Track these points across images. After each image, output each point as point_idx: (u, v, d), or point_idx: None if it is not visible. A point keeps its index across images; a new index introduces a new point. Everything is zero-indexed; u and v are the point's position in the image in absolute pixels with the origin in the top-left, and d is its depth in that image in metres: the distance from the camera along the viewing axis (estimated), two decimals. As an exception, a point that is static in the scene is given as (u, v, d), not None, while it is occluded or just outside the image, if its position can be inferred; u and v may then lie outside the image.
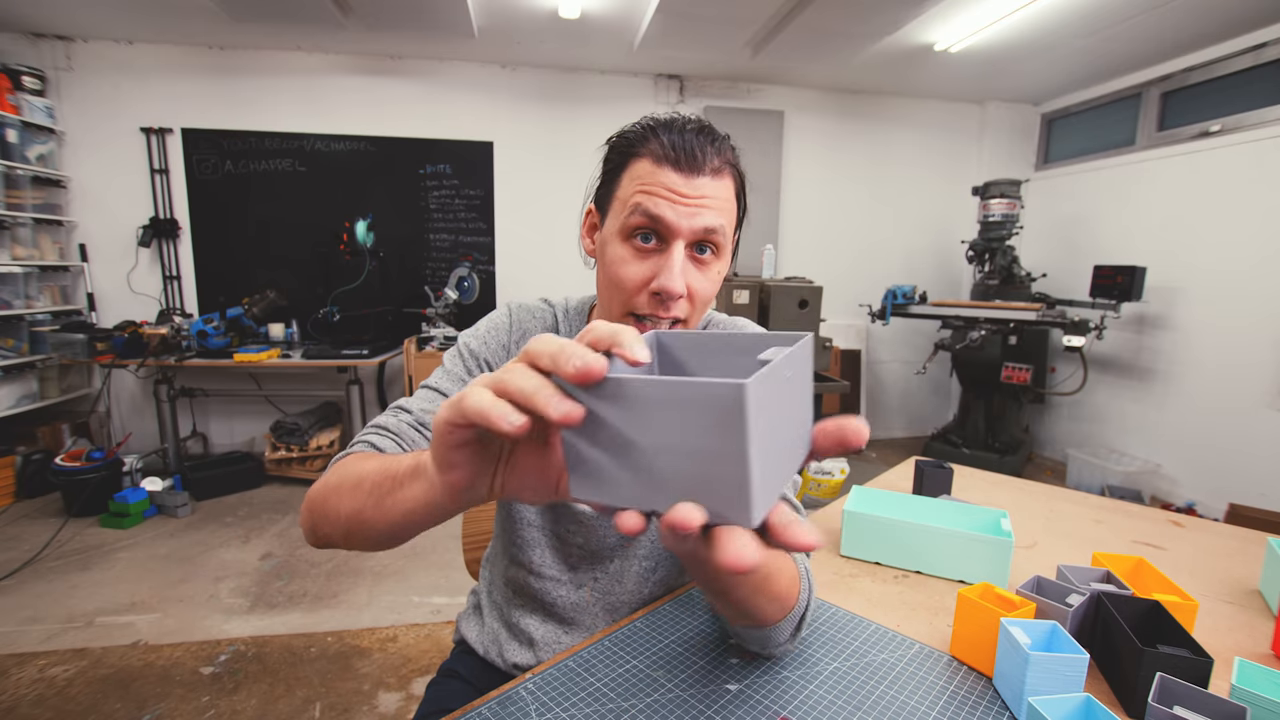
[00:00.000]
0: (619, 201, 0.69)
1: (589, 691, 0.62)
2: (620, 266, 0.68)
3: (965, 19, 3.02)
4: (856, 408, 4.35)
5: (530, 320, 0.82)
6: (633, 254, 0.68)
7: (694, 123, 0.69)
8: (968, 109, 4.45)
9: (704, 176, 0.66)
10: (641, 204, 0.66)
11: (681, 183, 0.66)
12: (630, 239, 0.68)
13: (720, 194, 0.68)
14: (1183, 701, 0.55)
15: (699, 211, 0.66)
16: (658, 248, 0.67)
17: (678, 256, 0.66)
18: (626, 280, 0.68)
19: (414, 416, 0.70)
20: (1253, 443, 3.00)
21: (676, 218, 0.65)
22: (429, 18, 3.05)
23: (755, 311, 3.05)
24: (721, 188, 0.68)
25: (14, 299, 3.18)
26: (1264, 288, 2.96)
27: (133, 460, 3.11)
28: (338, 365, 3.32)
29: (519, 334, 0.80)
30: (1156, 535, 1.05)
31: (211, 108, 3.60)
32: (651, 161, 0.67)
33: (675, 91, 4.08)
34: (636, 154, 0.68)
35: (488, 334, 0.79)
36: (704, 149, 0.67)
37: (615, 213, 0.70)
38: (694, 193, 0.66)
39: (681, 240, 0.66)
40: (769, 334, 0.38)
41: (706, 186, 0.66)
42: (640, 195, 0.66)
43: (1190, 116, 3.39)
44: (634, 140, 0.69)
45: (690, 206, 0.66)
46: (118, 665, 1.87)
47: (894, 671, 0.67)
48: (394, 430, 0.68)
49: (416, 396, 0.74)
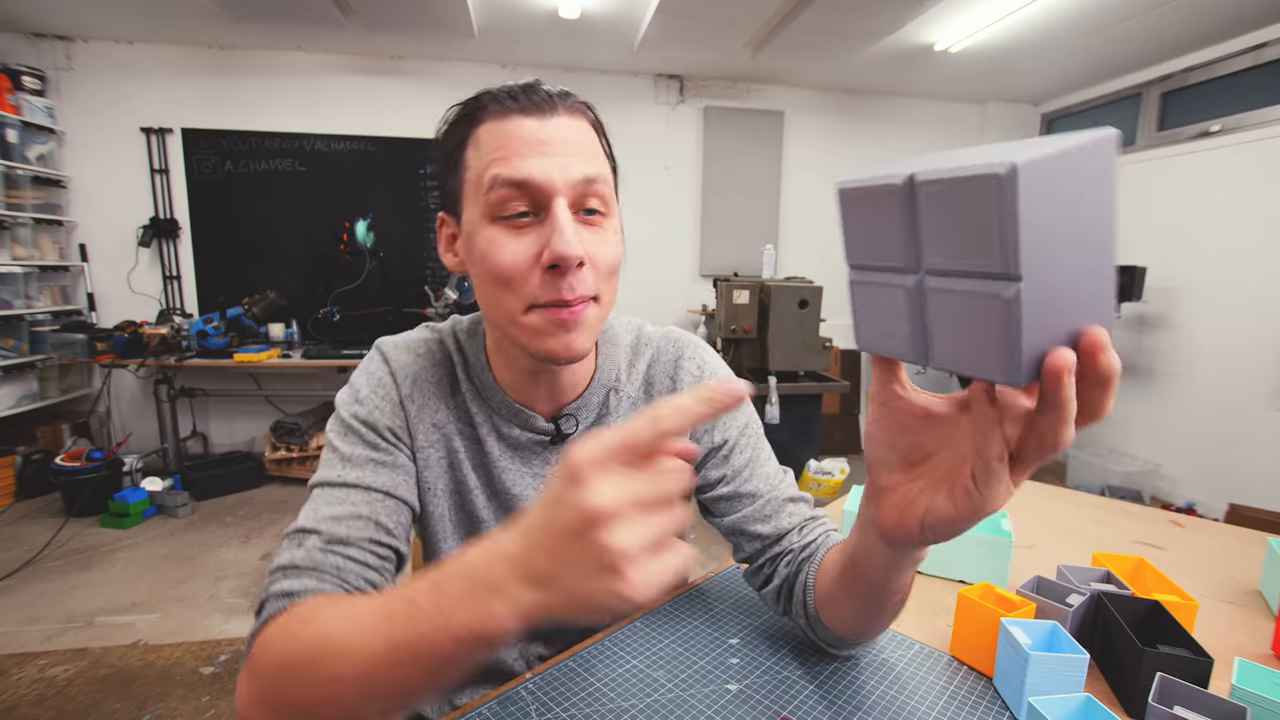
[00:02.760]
0: (471, 186, 0.57)
1: (589, 691, 0.62)
2: (496, 253, 0.54)
3: (965, 19, 3.02)
4: (856, 408, 4.35)
5: (412, 359, 0.67)
6: (507, 233, 0.55)
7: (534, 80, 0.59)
8: (968, 109, 4.45)
9: (560, 116, 0.56)
10: (500, 174, 0.53)
11: (537, 127, 0.54)
12: (499, 219, 0.55)
13: (585, 137, 0.57)
14: (1183, 701, 0.55)
15: (570, 160, 0.54)
16: (534, 220, 0.55)
17: (564, 214, 0.53)
18: (509, 265, 0.54)
19: (324, 537, 0.55)
20: (1253, 443, 3.00)
21: (546, 171, 0.53)
22: (429, 18, 3.05)
23: (755, 311, 3.05)
24: (584, 131, 0.57)
25: (14, 299, 3.18)
26: (1264, 288, 2.96)
27: (133, 460, 3.11)
28: (338, 365, 3.32)
29: (408, 381, 0.66)
30: (1156, 535, 1.05)
31: (211, 108, 3.60)
32: (495, 119, 0.55)
33: (675, 91, 4.08)
34: (474, 120, 0.56)
35: (373, 394, 0.64)
36: (548, 92, 0.57)
37: (471, 202, 0.57)
38: (555, 136, 0.55)
39: (561, 197, 0.54)
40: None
41: (567, 128, 0.56)
42: (495, 164, 0.54)
43: (1190, 116, 3.39)
44: (468, 111, 0.58)
45: (559, 156, 0.54)
46: (118, 665, 1.87)
47: (894, 671, 0.67)
48: (313, 566, 0.54)
49: (317, 502, 0.59)
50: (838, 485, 2.96)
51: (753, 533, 0.69)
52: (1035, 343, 0.27)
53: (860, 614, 0.57)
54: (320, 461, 0.63)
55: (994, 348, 0.28)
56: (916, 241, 0.31)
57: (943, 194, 0.28)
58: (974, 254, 0.27)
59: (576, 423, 0.68)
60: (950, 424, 0.39)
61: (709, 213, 4.21)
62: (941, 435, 0.40)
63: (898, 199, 0.30)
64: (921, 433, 0.40)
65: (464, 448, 0.67)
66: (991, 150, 0.28)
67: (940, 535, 0.39)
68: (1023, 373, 0.28)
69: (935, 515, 0.38)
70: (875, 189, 0.32)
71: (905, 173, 0.30)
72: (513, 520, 0.36)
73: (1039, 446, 0.32)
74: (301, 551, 0.55)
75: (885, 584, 0.50)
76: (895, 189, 0.30)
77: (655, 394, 0.72)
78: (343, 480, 0.60)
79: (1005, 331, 0.27)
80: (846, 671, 0.66)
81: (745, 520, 0.69)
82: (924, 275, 0.31)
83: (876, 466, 0.43)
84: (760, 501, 0.69)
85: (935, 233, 0.29)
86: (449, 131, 0.59)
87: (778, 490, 0.70)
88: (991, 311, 0.27)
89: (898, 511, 0.41)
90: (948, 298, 0.30)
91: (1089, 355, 0.29)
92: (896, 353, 0.34)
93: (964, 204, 0.27)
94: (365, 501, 0.59)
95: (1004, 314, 0.27)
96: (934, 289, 0.31)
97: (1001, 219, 0.26)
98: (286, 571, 0.54)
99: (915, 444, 0.41)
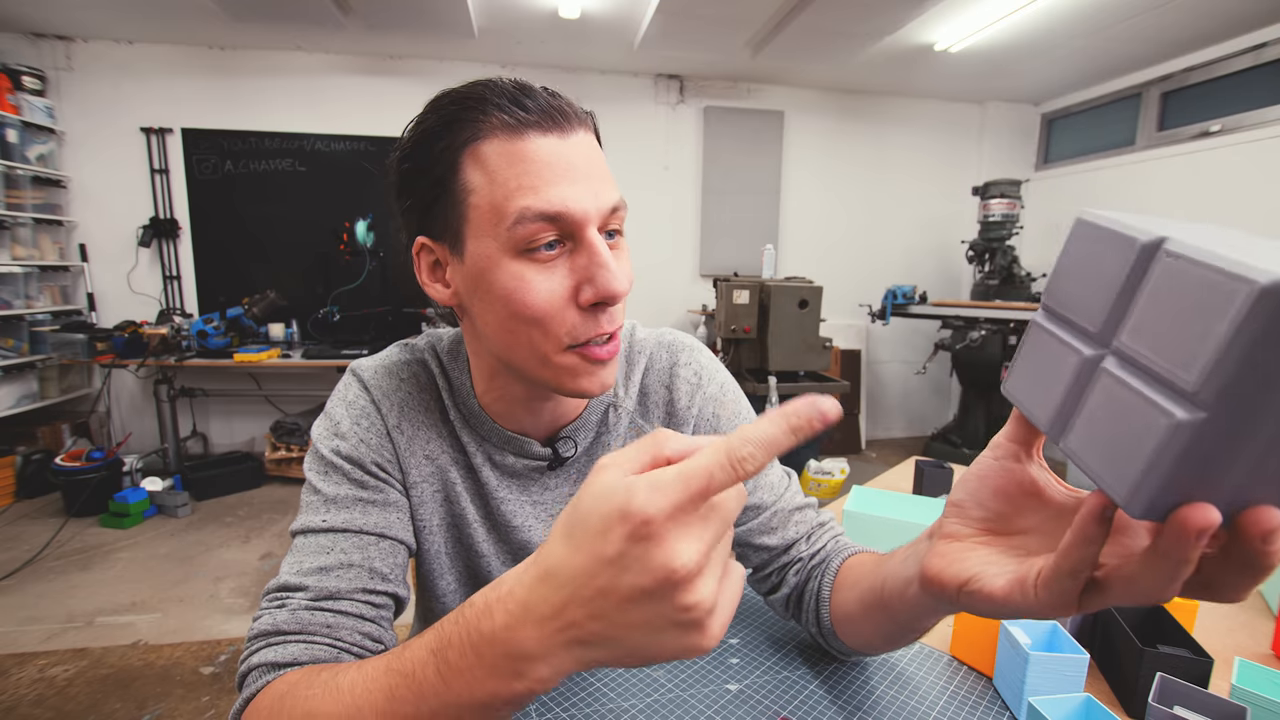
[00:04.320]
0: (482, 216, 0.49)
1: (589, 691, 0.62)
2: (526, 292, 0.49)
3: (965, 19, 3.02)
4: (856, 408, 4.35)
5: (395, 385, 0.62)
6: (536, 270, 0.49)
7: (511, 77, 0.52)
8: (968, 109, 4.45)
9: (578, 132, 0.50)
10: (530, 206, 0.47)
11: (561, 147, 0.49)
12: (523, 255, 0.49)
13: (600, 155, 0.52)
14: (1183, 701, 0.55)
15: (602, 186, 0.50)
16: (561, 250, 0.50)
17: (601, 246, 0.49)
18: (543, 306, 0.49)
19: (311, 593, 0.51)
20: (1253, 443, 3.00)
21: (580, 202, 0.48)
22: (429, 18, 3.05)
23: (755, 311, 3.05)
24: (596, 147, 0.53)
25: (14, 299, 3.18)
26: (1264, 288, 2.96)
27: (133, 460, 3.11)
28: (338, 365, 3.31)
29: (394, 410, 0.61)
30: (1156, 535, 1.05)
31: (211, 108, 3.60)
32: (504, 136, 0.48)
33: (675, 91, 4.08)
34: (471, 136, 0.49)
35: (355, 427, 0.59)
36: (554, 96, 0.50)
37: (483, 228, 0.49)
38: (580, 157, 0.49)
39: (593, 227, 0.50)
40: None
41: (587, 146, 0.51)
42: (521, 194, 0.47)
43: (1190, 116, 3.39)
44: (455, 122, 0.49)
45: (588, 181, 0.49)
46: (118, 665, 1.87)
47: (894, 671, 0.67)
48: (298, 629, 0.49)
49: (300, 553, 0.53)
50: (838, 485, 2.96)
51: (760, 544, 0.67)
52: (1182, 485, 0.23)
53: (880, 638, 0.56)
54: (300, 505, 0.57)
55: (1131, 463, 0.24)
56: (1122, 313, 0.27)
57: (1180, 275, 0.24)
58: (1172, 355, 0.23)
59: (575, 445, 0.64)
60: (1056, 515, 0.35)
61: (709, 213, 4.21)
62: (1039, 521, 0.36)
63: (1133, 256, 0.26)
64: (1021, 509, 0.36)
65: (460, 478, 0.63)
66: (1267, 248, 0.24)
67: (974, 606, 0.36)
68: (1142, 505, 0.24)
69: (979, 585, 0.35)
70: (1116, 234, 0.28)
71: (1157, 234, 0.26)
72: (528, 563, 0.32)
73: (1127, 589, 0.28)
74: (284, 613, 0.49)
75: (910, 623, 0.48)
76: (1136, 245, 0.26)
77: (651, 404, 0.68)
78: (328, 525, 0.54)
79: (1153, 454, 0.23)
80: (846, 672, 0.66)
81: (751, 533, 0.67)
82: (1108, 354, 0.27)
83: (955, 510, 0.39)
84: (767, 514, 0.67)
85: (1147, 313, 0.25)
86: (428, 144, 0.50)
87: (783, 500, 0.68)
88: (1152, 426, 0.24)
89: (945, 561, 0.38)
90: (1117, 389, 0.26)
91: (1247, 532, 0.24)
92: (1033, 413, 0.32)
93: (1195, 296, 0.23)
94: (356, 547, 0.54)
95: (1163, 437, 0.23)
96: (1109, 371, 0.27)
97: (1224, 329, 0.21)
98: (270, 639, 0.48)
99: (1007, 514, 0.37)
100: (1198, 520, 0.23)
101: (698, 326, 4.00)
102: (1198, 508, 0.23)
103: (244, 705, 0.46)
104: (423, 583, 0.68)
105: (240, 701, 0.46)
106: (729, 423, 0.69)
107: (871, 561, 0.57)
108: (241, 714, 0.45)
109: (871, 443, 4.52)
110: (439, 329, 0.69)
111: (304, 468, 0.59)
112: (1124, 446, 0.25)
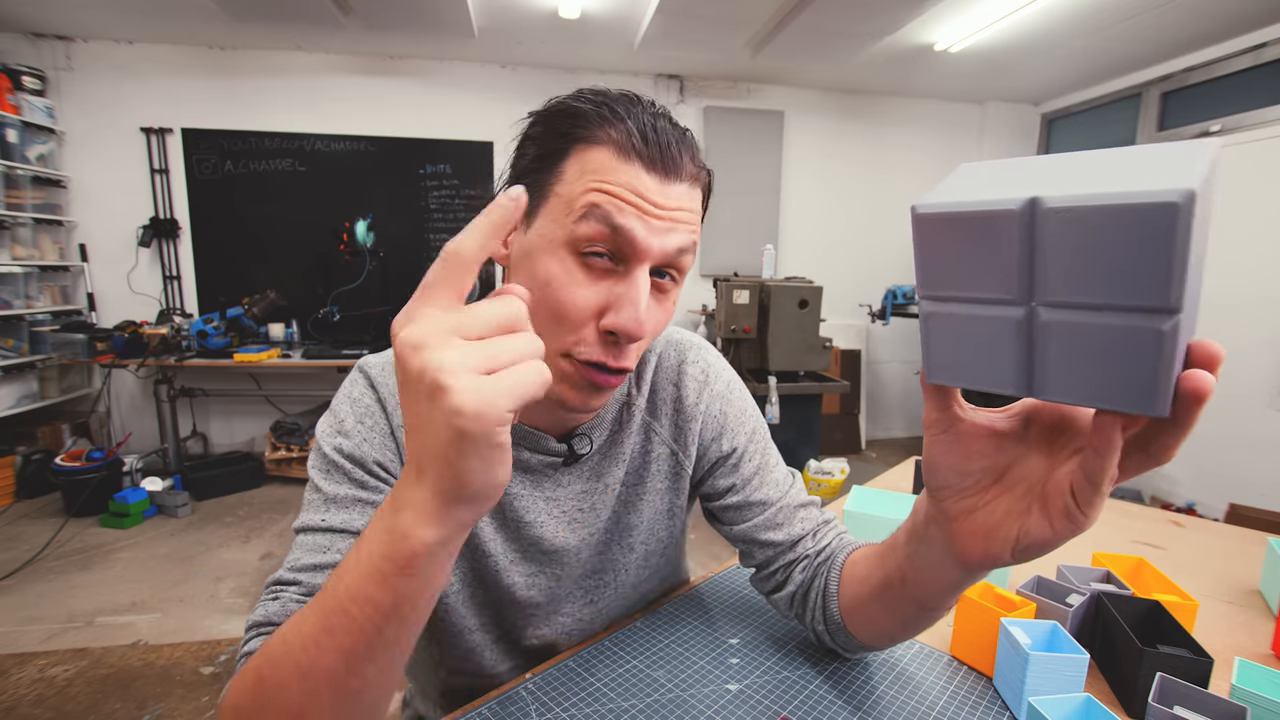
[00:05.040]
0: (560, 198, 0.51)
1: (589, 691, 0.62)
2: (564, 289, 0.50)
3: (965, 19, 3.02)
4: (856, 408, 4.35)
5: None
6: (581, 273, 0.50)
7: (659, 107, 0.54)
8: (968, 109, 4.45)
9: (682, 183, 0.52)
10: (601, 207, 0.49)
11: (656, 189, 0.50)
12: (579, 253, 0.50)
13: (695, 206, 0.54)
14: (1183, 701, 0.55)
15: (674, 228, 0.51)
16: (612, 268, 0.51)
17: (643, 285, 0.50)
18: (572, 309, 0.50)
19: (303, 589, 0.52)
20: (1253, 443, 3.00)
21: (648, 235, 0.49)
22: (429, 18, 3.05)
23: (755, 311, 3.05)
24: (695, 199, 0.54)
25: (14, 299, 3.18)
26: (1263, 288, 2.96)
27: (133, 460, 3.11)
28: (338, 365, 3.32)
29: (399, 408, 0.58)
30: (1156, 535, 1.05)
31: (211, 108, 3.60)
32: (614, 153, 0.50)
33: (675, 91, 4.08)
34: (589, 138, 0.51)
35: (359, 425, 0.58)
36: (679, 146, 0.52)
37: (555, 213, 0.51)
38: (670, 203, 0.51)
39: (647, 264, 0.51)
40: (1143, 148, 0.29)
41: (684, 197, 0.52)
42: (599, 195, 0.49)
43: (1190, 116, 3.39)
44: (585, 117, 0.51)
45: (665, 220, 0.50)
46: (118, 665, 1.87)
47: (894, 671, 0.67)
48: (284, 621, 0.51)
49: (299, 550, 0.54)
50: (838, 485, 2.96)
51: (765, 540, 0.67)
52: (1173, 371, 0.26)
53: (899, 627, 0.57)
54: (303, 502, 0.58)
55: (1137, 380, 0.26)
56: (1029, 271, 0.28)
57: (1084, 222, 0.25)
58: (1120, 286, 0.25)
59: (590, 441, 0.65)
60: (1018, 440, 0.38)
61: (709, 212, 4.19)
62: (1012, 453, 0.38)
63: (1013, 226, 0.27)
64: (994, 454, 0.39)
65: None
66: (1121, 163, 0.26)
67: (1033, 555, 0.38)
68: (1165, 403, 0.26)
69: (1031, 538, 0.37)
70: (976, 215, 0.28)
71: (1021, 197, 0.27)
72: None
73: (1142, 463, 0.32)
74: (277, 605, 0.51)
75: (938, 604, 0.50)
76: (1011, 215, 0.27)
77: (659, 401, 0.70)
78: (326, 525, 0.55)
79: (1155, 364, 0.26)
80: (846, 671, 0.66)
81: (756, 529, 0.67)
82: (1037, 307, 0.28)
83: (945, 494, 0.41)
84: (772, 510, 0.67)
85: (1062, 263, 0.27)
86: (554, 121, 0.53)
87: (788, 497, 0.69)
88: (1141, 344, 0.26)
89: (983, 538, 0.39)
90: (1072, 330, 0.27)
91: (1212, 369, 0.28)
92: (986, 384, 0.32)
93: (1115, 233, 0.25)
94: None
95: (1157, 347, 0.25)
96: (1053, 321, 0.28)
97: (1168, 250, 0.24)
98: (261, 629, 0.50)
99: (988, 466, 0.39)
100: (1203, 388, 0.27)
101: (698, 326, 4.00)
102: (1197, 378, 0.27)
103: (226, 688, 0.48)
104: None
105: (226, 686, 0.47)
106: (735, 419, 0.70)
107: (876, 553, 0.58)
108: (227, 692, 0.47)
109: (871, 443, 4.52)
110: None
111: (308, 463, 0.59)
112: (1116, 370, 0.27)
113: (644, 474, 0.69)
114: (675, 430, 0.69)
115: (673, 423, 0.69)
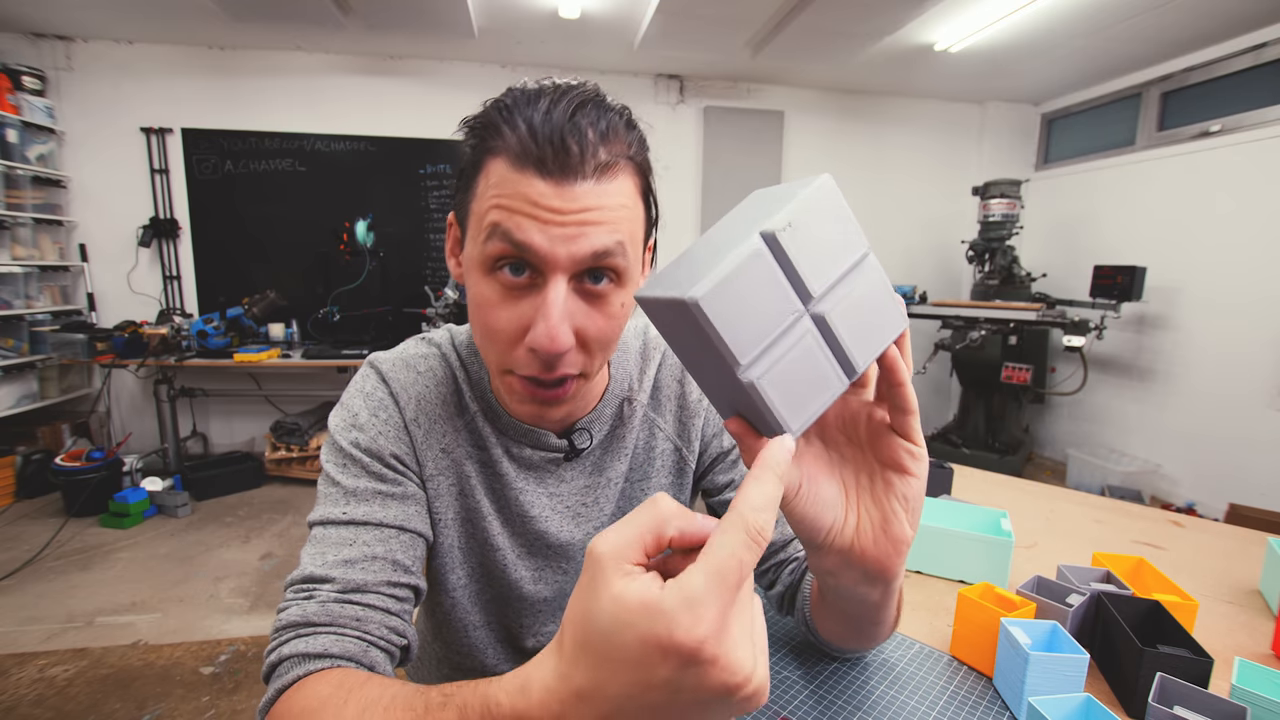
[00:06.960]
0: (475, 217, 0.50)
1: (589, 691, 0.62)
2: (490, 312, 0.50)
3: (965, 19, 3.02)
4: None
5: (414, 378, 0.62)
6: (500, 293, 0.49)
7: (570, 95, 0.48)
8: (968, 109, 4.45)
9: (585, 181, 0.46)
10: (499, 224, 0.47)
11: (553, 194, 0.46)
12: (494, 271, 0.49)
13: (613, 200, 0.48)
14: (1183, 701, 0.55)
15: (582, 232, 0.46)
16: (532, 280, 0.49)
17: (555, 299, 0.47)
18: (499, 331, 0.50)
19: (339, 585, 0.51)
20: (1253, 443, 3.00)
21: (549, 244, 0.46)
22: (429, 18, 3.05)
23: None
24: (615, 191, 0.48)
25: (14, 299, 3.18)
26: (1264, 288, 2.96)
27: (133, 460, 3.11)
28: (338, 365, 3.32)
29: (411, 402, 0.61)
30: (1156, 535, 1.05)
31: (211, 108, 3.60)
32: (509, 162, 0.47)
33: (675, 91, 4.08)
34: (493, 148, 0.48)
35: (373, 419, 0.59)
36: (582, 139, 0.46)
37: (472, 233, 0.50)
38: (573, 205, 0.46)
39: (561, 274, 0.47)
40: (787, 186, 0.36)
41: (590, 195, 0.47)
42: (498, 211, 0.47)
43: (1190, 116, 3.39)
44: (492, 125, 0.49)
45: (568, 226, 0.46)
46: (118, 665, 1.87)
47: (894, 671, 0.67)
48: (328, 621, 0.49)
49: (321, 544, 0.53)
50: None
51: None
52: (864, 353, 0.35)
53: (855, 638, 0.59)
54: (318, 496, 0.57)
55: (894, 314, 0.36)
56: (799, 281, 0.32)
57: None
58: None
59: (590, 436, 0.66)
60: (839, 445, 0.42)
61: (709, 213, 4.21)
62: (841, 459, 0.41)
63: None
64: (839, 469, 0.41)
65: (475, 472, 0.64)
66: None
67: (919, 508, 0.41)
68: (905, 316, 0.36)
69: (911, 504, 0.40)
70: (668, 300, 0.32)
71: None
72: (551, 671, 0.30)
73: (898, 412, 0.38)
74: (314, 604, 0.49)
75: (875, 618, 0.51)
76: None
77: (663, 398, 0.70)
78: (349, 518, 0.54)
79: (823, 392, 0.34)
80: (846, 671, 0.66)
81: None
82: (813, 304, 0.33)
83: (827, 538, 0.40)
84: None
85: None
86: (473, 132, 0.52)
87: None
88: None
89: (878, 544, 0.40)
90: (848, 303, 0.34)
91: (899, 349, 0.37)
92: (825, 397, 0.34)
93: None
94: (379, 540, 0.54)
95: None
96: (823, 314, 0.33)
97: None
98: (299, 630, 0.48)
99: (841, 483, 0.41)
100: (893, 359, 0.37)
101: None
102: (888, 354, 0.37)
103: (277, 695, 0.45)
104: (432, 577, 0.68)
105: (273, 691, 0.46)
106: None
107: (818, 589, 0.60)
108: (274, 703, 0.45)
109: (871, 443, 4.51)
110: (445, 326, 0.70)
111: (320, 458, 0.59)
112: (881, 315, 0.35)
113: (648, 468, 0.70)
114: (679, 425, 0.71)
115: (676, 418, 0.71)
